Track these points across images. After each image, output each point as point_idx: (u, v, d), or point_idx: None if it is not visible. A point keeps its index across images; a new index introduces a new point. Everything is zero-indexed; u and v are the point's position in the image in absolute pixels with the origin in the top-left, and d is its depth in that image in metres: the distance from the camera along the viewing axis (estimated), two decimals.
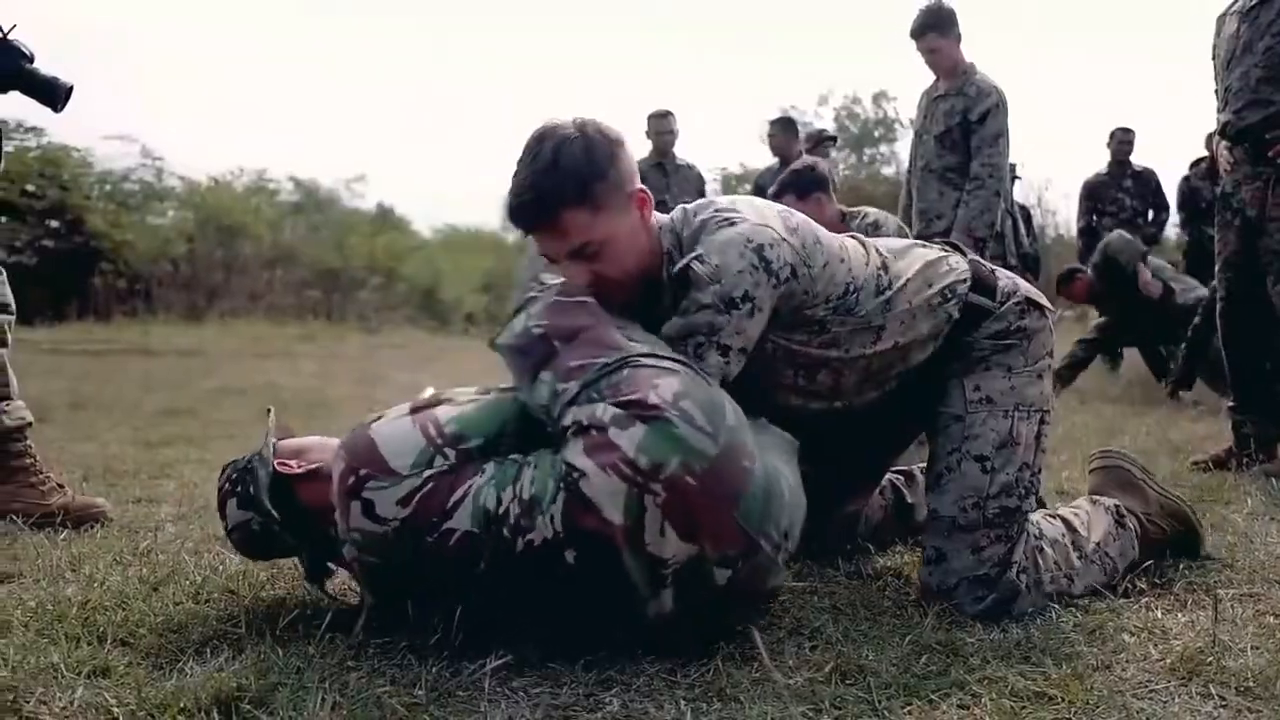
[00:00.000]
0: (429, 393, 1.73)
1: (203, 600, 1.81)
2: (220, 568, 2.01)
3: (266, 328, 14.15)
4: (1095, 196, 7.49)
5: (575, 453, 1.43)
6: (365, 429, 1.56)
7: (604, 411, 1.44)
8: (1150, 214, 7.51)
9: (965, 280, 1.84)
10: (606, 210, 1.63)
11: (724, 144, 50.62)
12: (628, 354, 1.50)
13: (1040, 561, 1.79)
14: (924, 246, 1.92)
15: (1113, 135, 7.44)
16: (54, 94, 2.49)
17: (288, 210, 20.93)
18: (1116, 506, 2.00)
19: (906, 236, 4.22)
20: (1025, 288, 1.90)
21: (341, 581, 1.88)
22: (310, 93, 48.12)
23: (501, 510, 1.43)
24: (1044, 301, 1.90)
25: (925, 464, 1.97)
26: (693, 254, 1.65)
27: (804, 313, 1.71)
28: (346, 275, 19.18)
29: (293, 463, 1.70)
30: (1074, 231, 7.77)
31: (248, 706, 1.31)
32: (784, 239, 1.66)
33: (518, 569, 1.44)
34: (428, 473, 1.47)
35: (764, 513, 1.47)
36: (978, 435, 1.81)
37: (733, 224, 1.65)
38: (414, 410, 1.56)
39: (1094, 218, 7.46)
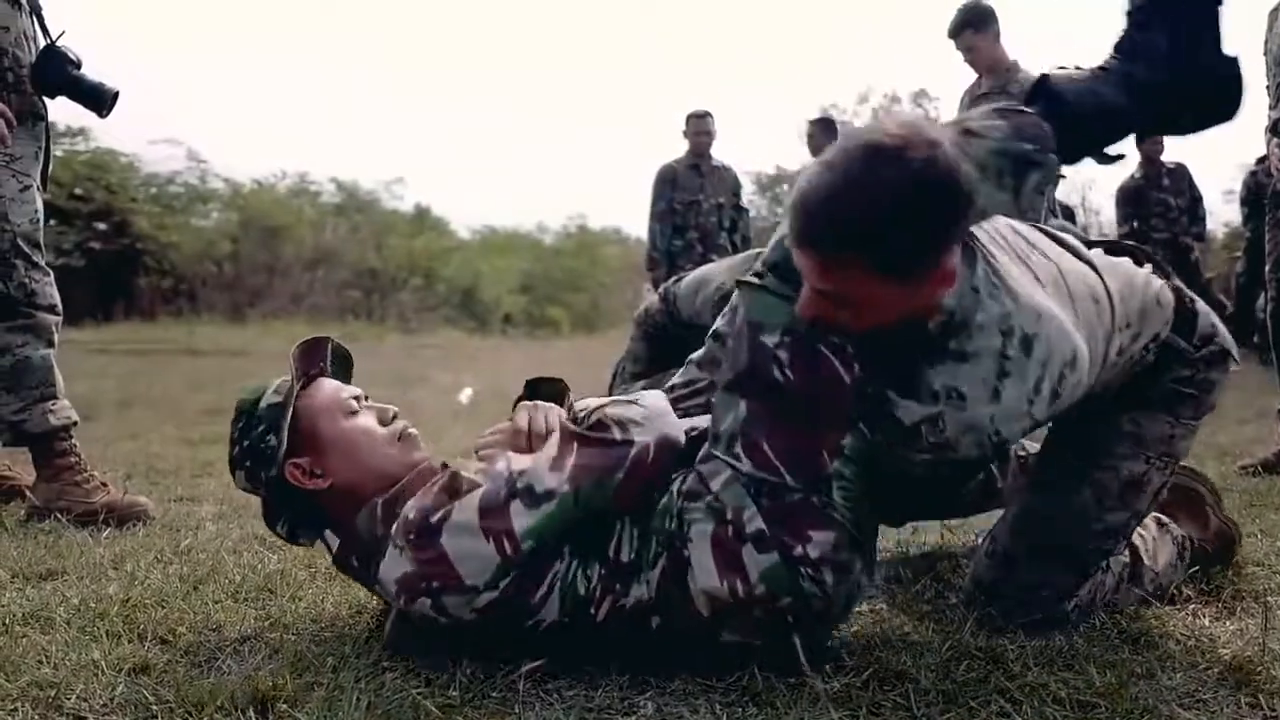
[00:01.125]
0: (468, 393, 1.72)
1: (241, 599, 1.83)
2: (259, 566, 2.03)
3: (308, 328, 14.28)
4: (1134, 200, 7.39)
5: (701, 537, 1.41)
6: (434, 535, 1.41)
7: (750, 519, 1.39)
8: (1193, 211, 7.41)
9: (1169, 322, 1.62)
10: (893, 283, 1.32)
11: (762, 144, 50.36)
12: (815, 483, 1.39)
13: (1096, 594, 1.70)
14: (1135, 265, 1.67)
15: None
16: (100, 99, 2.53)
17: (329, 211, 21.18)
18: (1184, 538, 1.88)
19: None
20: (1221, 331, 1.67)
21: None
22: (352, 94, 48.57)
23: (591, 587, 1.43)
24: (1234, 350, 1.68)
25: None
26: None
27: None
28: (386, 276, 19.37)
29: (304, 463, 1.56)
30: (1116, 234, 7.65)
31: (284, 705, 1.31)
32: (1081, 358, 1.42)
33: (599, 627, 1.44)
34: (504, 583, 1.40)
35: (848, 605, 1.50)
36: (1110, 468, 1.63)
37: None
38: (481, 516, 1.40)
39: (1135, 223, 7.35)
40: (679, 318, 4.07)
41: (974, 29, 4.66)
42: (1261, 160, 7.19)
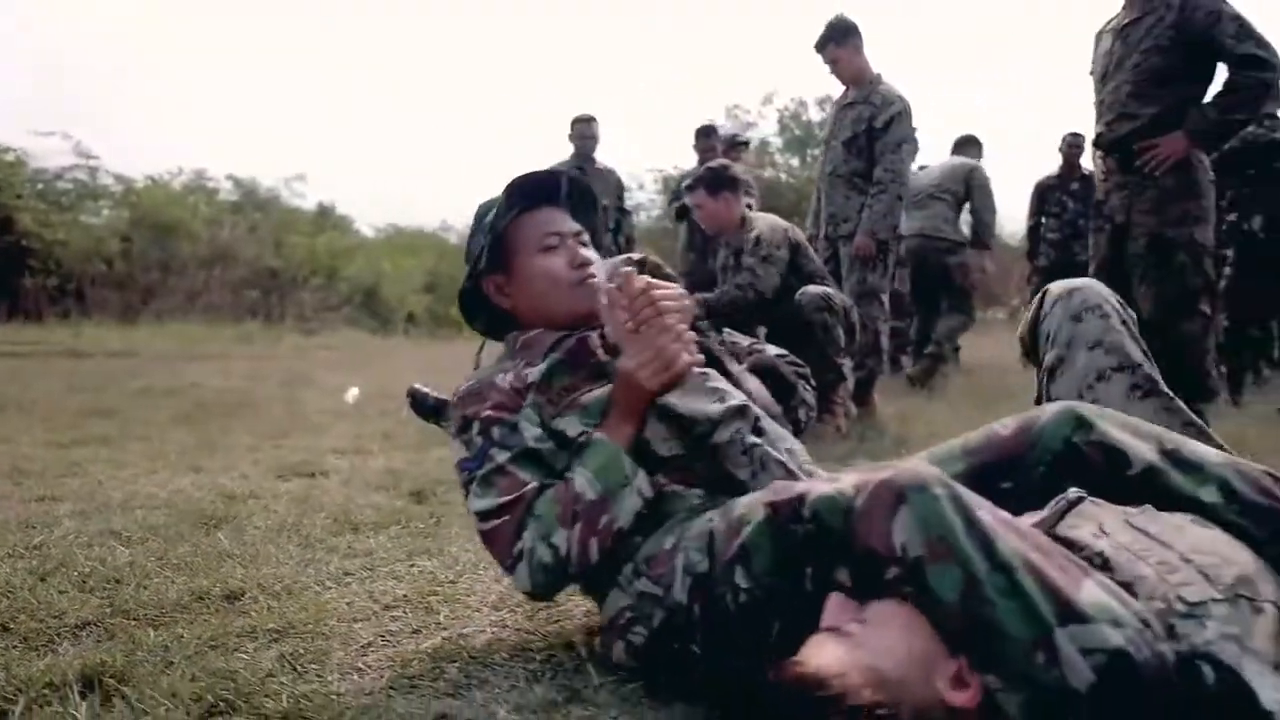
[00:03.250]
0: (353, 393, 1.82)
1: (87, 589, 1.89)
2: (109, 559, 2.09)
3: (202, 329, 14.02)
4: (1043, 198, 7.76)
5: None
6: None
7: None
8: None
9: None
10: None
11: (665, 143, 50.74)
12: None
13: None
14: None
15: (1064, 139, 7.64)
16: None
17: (226, 209, 20.69)
18: None
19: (796, 241, 4.41)
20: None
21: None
22: (251, 91, 47.51)
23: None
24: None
25: None
26: None
27: None
28: (286, 275, 19.03)
29: (499, 280, 1.78)
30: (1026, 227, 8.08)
31: (111, 680, 1.40)
32: None
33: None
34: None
35: None
36: None
37: None
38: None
39: (1042, 219, 7.77)
40: None
41: (836, 42, 4.89)
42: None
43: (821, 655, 1.08)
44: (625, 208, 7.10)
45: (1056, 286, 1.76)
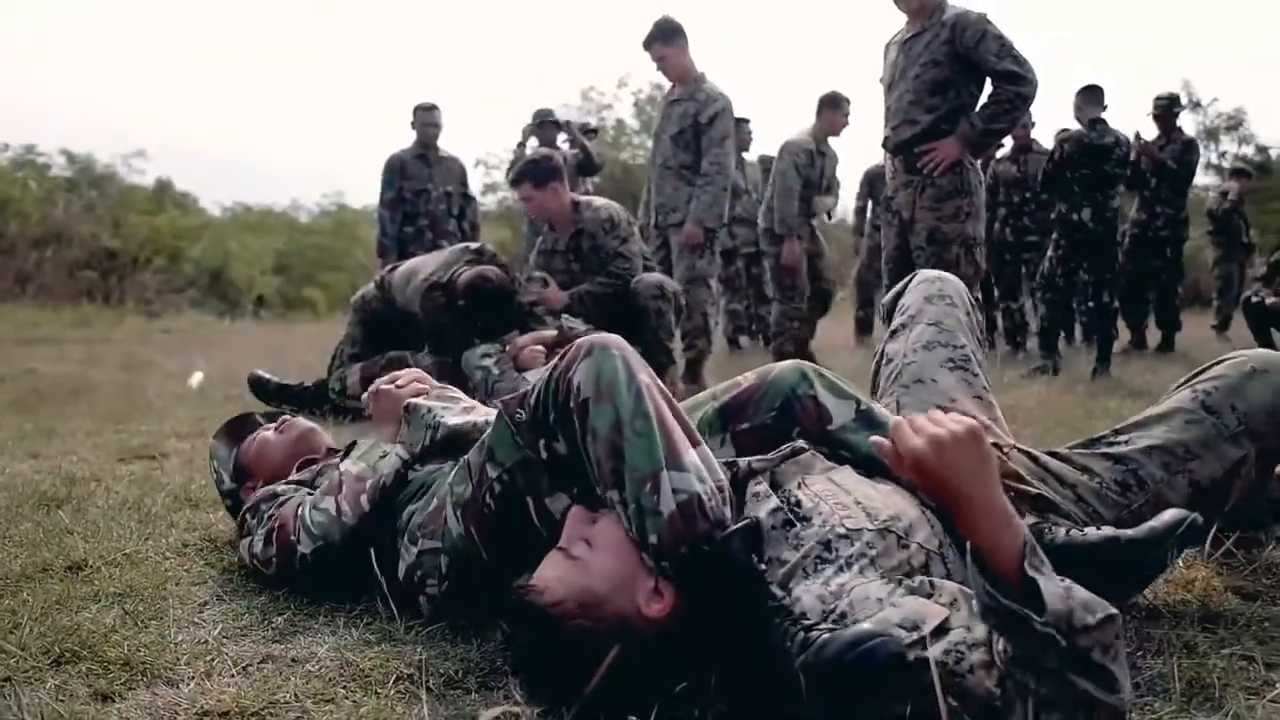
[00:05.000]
0: (197, 377, 2.01)
1: None
2: None
3: (35, 312, 13.44)
4: (872, 184, 8.25)
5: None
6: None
7: None
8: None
9: None
10: None
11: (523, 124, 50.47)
12: None
13: None
14: None
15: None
16: None
17: (59, 186, 19.77)
18: None
19: (633, 226, 4.72)
20: None
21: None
22: (88, 62, 45.07)
23: None
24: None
25: None
26: None
27: None
28: (125, 255, 18.33)
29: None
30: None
31: None
32: None
33: None
34: None
35: None
36: None
37: None
38: None
39: (870, 201, 8.26)
40: (394, 304, 4.40)
41: (663, 41, 5.21)
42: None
43: (547, 575, 1.39)
44: (469, 194, 7.28)
45: (925, 273, 2.17)
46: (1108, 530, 1.59)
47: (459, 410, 1.98)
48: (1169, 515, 1.56)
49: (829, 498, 1.50)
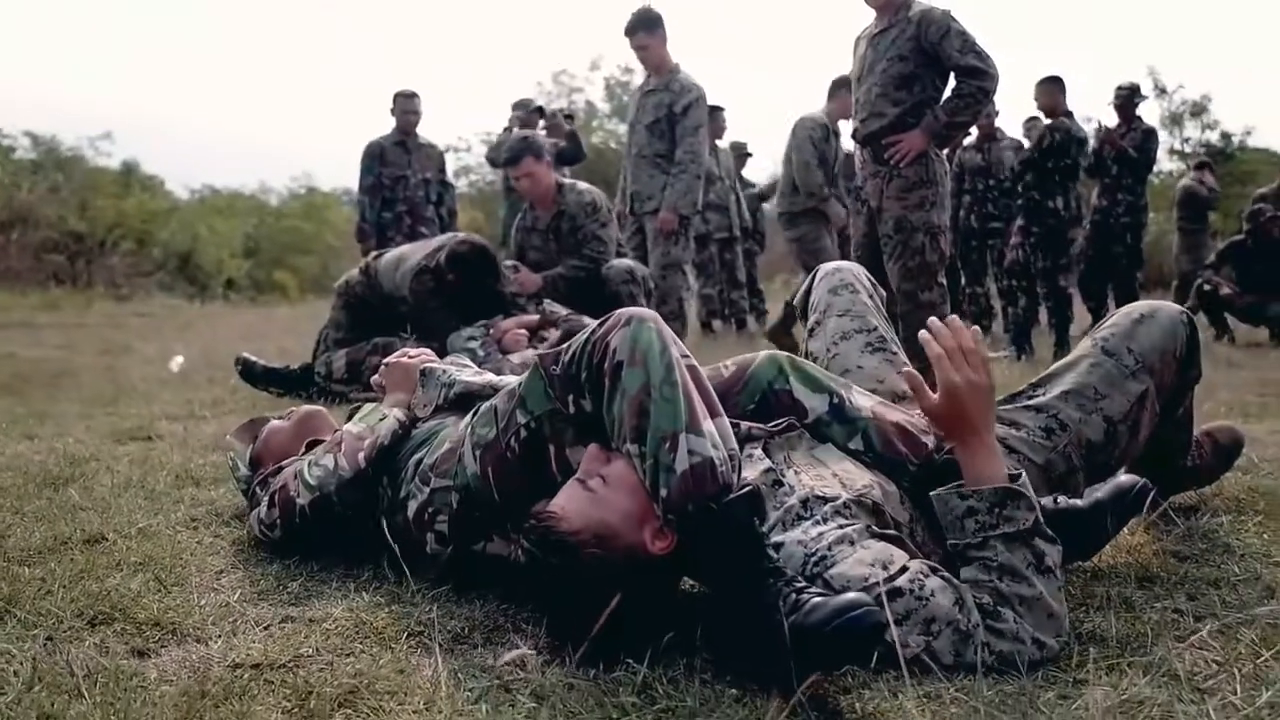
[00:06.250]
0: (178, 361, 2.12)
1: None
2: None
3: (3, 296, 13.37)
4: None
5: None
6: None
7: None
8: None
9: None
10: None
11: (495, 106, 50.42)
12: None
13: None
14: None
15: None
16: None
17: (24, 168, 19.55)
18: None
19: (612, 213, 4.87)
20: None
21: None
22: (54, 42, 44.38)
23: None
24: None
25: None
26: None
27: None
28: (93, 239, 18.19)
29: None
30: None
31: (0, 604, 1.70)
32: None
33: None
34: None
35: None
36: None
37: None
38: None
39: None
40: (380, 290, 4.51)
41: (646, 30, 5.33)
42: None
43: (566, 504, 1.53)
44: (447, 181, 7.37)
45: (825, 267, 2.32)
46: (1064, 502, 1.76)
47: (472, 373, 2.14)
48: (1110, 486, 1.74)
49: (809, 469, 1.67)
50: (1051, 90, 6.47)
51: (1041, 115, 6.82)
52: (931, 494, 1.58)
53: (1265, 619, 1.60)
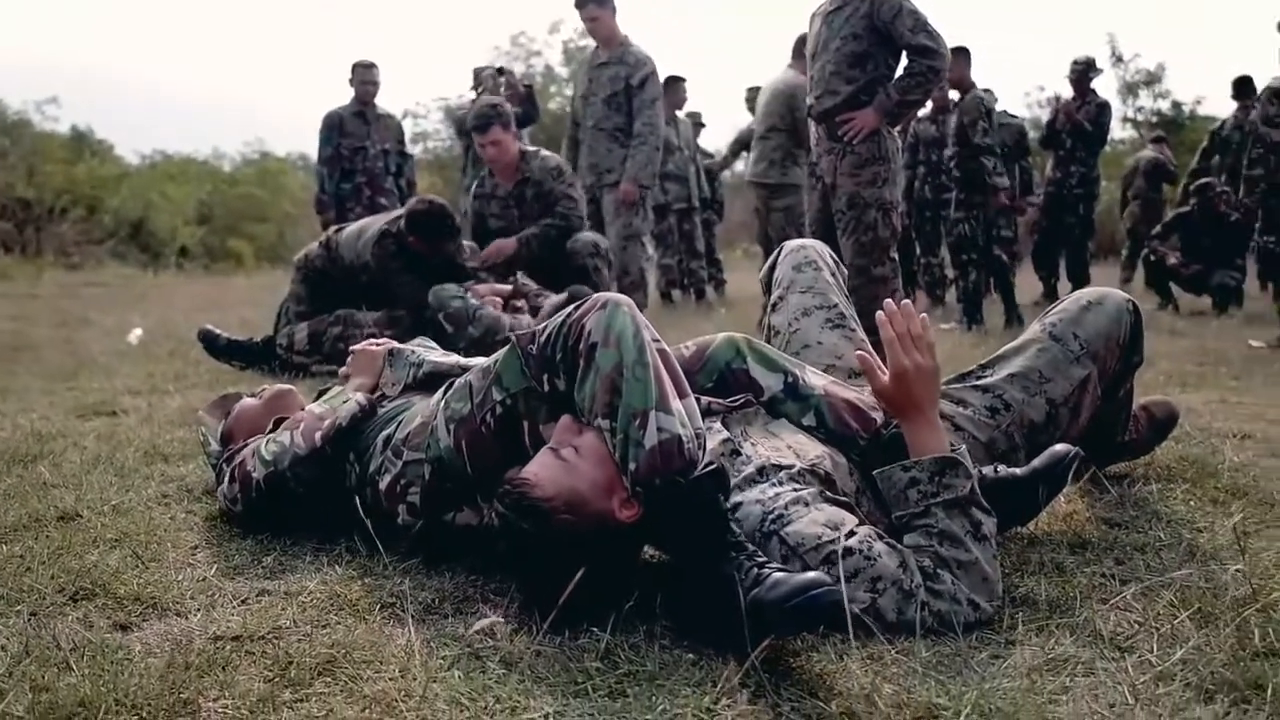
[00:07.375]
0: (137, 333, 2.17)
1: None
2: None
3: None
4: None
5: None
6: None
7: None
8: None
9: None
10: None
11: (452, 71, 49.81)
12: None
13: None
14: None
15: None
16: None
17: None
18: None
19: (576, 176, 4.93)
20: None
21: None
22: None
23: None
24: None
25: None
26: None
27: None
28: (41, 206, 17.86)
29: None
30: None
31: None
32: None
33: None
34: None
35: None
36: None
37: None
38: None
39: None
40: (341, 263, 4.53)
41: (598, 3, 5.36)
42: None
43: (539, 471, 1.61)
44: (406, 151, 7.37)
45: (789, 244, 2.42)
46: (1003, 471, 1.87)
47: (439, 354, 2.22)
48: (1044, 455, 1.85)
49: (765, 441, 1.78)
50: (958, 63, 6.24)
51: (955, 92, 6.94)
52: (875, 472, 1.69)
53: (1182, 581, 1.73)
